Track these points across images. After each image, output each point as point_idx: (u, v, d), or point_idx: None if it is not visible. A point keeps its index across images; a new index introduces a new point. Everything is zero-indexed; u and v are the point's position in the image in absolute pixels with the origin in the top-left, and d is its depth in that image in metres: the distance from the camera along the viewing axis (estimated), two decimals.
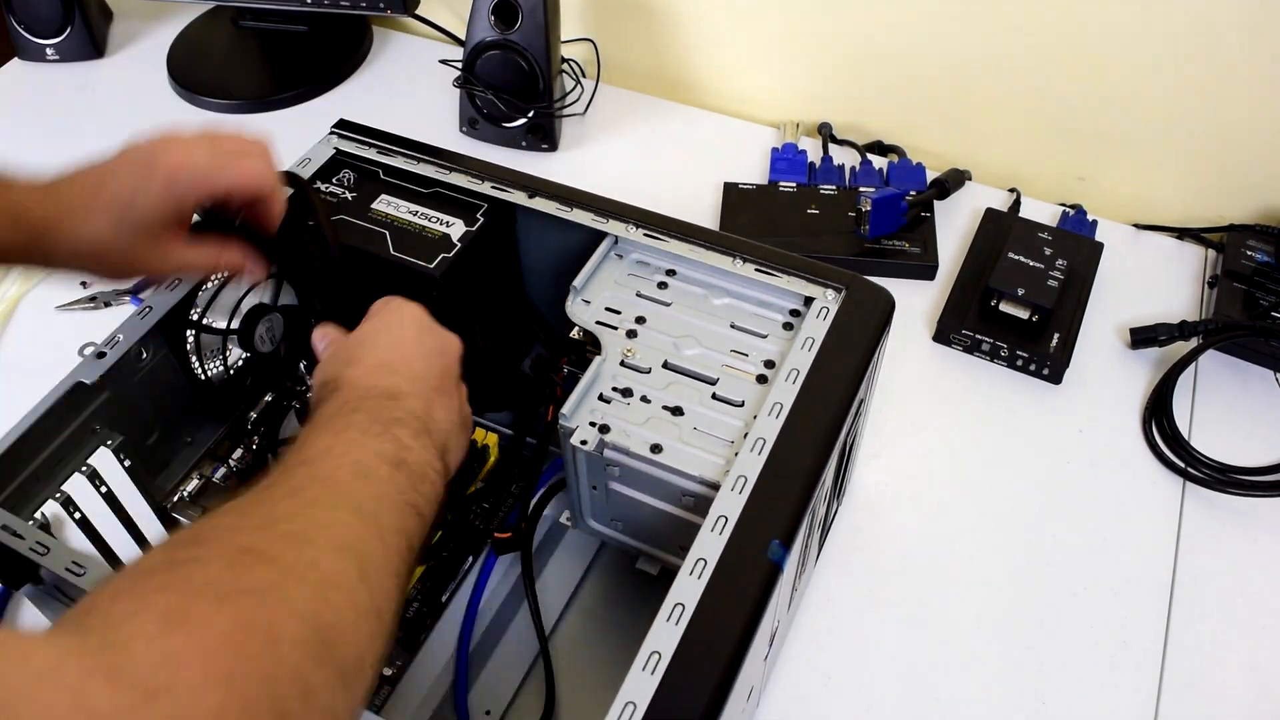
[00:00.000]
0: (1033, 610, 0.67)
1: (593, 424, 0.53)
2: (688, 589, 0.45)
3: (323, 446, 0.43)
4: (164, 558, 0.35)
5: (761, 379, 0.56)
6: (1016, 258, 0.82)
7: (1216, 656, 0.65)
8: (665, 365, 0.56)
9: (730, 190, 0.94)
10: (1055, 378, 0.80)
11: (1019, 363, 0.80)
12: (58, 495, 0.55)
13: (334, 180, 0.66)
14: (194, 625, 0.31)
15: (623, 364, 0.56)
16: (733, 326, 0.58)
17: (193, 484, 0.64)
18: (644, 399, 0.55)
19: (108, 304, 0.86)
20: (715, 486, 0.50)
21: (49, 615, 0.59)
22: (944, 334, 0.83)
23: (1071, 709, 0.63)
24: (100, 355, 0.56)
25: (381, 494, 0.42)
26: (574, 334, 0.60)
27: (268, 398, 0.68)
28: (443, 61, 1.06)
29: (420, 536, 0.43)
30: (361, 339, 0.51)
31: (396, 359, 0.49)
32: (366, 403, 0.46)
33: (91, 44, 1.12)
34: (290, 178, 0.61)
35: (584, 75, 1.06)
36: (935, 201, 0.92)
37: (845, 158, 0.98)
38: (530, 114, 0.98)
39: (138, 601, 0.32)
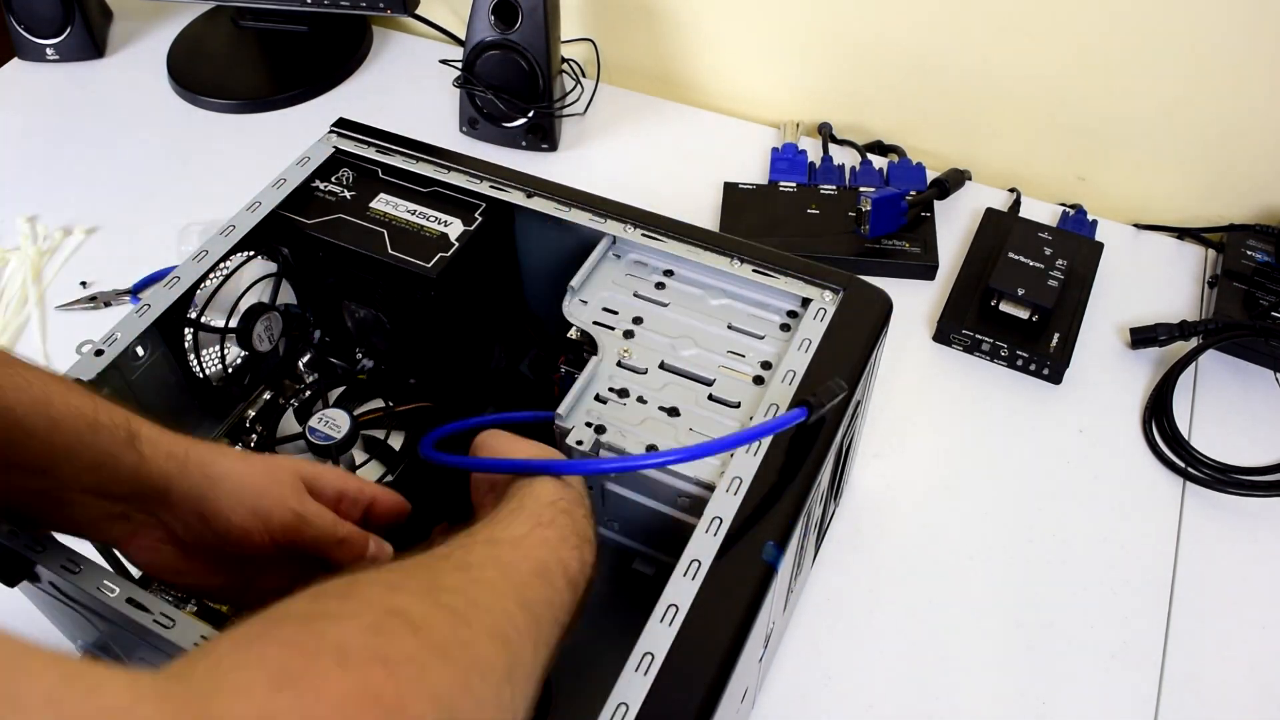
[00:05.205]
0: (1033, 610, 0.67)
1: (589, 424, 0.53)
2: (681, 590, 0.45)
3: (517, 533, 0.42)
4: (303, 608, 0.32)
5: (758, 380, 0.55)
6: (1016, 258, 0.82)
7: (1216, 656, 0.65)
8: (662, 366, 0.56)
9: (730, 190, 0.93)
10: (1055, 378, 0.79)
11: (1019, 363, 0.80)
12: None
13: (333, 179, 0.66)
14: (306, 687, 0.28)
15: (619, 364, 0.56)
16: (730, 327, 0.58)
17: None
18: (640, 400, 0.55)
19: (107, 304, 0.86)
20: (710, 488, 0.50)
21: (46, 613, 0.59)
22: (944, 334, 0.82)
23: (1072, 709, 0.63)
24: (99, 353, 0.56)
25: (551, 601, 0.40)
26: (571, 334, 0.60)
27: (265, 396, 0.68)
28: (443, 61, 1.06)
29: (555, 660, 0.41)
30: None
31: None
32: (573, 513, 0.46)
33: (91, 44, 1.13)
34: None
35: (584, 75, 1.06)
36: (935, 201, 0.92)
37: (845, 158, 0.98)
38: (530, 114, 0.98)
39: (254, 653, 0.29)
